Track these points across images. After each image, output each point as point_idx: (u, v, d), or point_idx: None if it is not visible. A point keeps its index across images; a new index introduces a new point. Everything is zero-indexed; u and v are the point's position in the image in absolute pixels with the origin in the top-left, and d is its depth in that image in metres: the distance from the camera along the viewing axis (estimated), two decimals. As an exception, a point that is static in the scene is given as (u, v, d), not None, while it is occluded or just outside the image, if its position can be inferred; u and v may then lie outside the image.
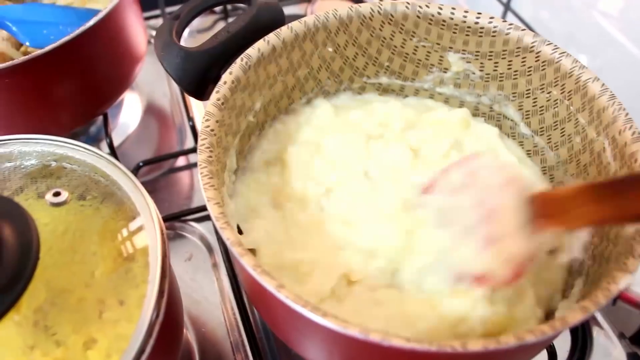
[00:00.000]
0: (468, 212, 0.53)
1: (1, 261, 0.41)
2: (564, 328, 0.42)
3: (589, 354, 0.69)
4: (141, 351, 0.43)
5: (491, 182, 0.53)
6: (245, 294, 0.72)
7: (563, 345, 0.69)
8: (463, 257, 0.53)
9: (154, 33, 1.06)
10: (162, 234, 0.50)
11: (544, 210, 0.50)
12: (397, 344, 0.39)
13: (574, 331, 0.70)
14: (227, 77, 0.57)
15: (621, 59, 0.99)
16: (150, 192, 0.53)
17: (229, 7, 1.16)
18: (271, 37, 0.61)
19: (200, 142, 0.52)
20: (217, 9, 1.16)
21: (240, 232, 0.60)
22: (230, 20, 1.13)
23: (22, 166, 0.55)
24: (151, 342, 0.44)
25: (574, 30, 1.09)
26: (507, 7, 1.14)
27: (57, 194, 0.52)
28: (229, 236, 0.45)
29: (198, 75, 0.59)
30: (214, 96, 0.55)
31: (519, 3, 1.14)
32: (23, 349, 0.45)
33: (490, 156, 0.56)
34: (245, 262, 0.43)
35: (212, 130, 0.53)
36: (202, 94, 0.61)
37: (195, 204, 0.85)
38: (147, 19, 1.13)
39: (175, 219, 0.81)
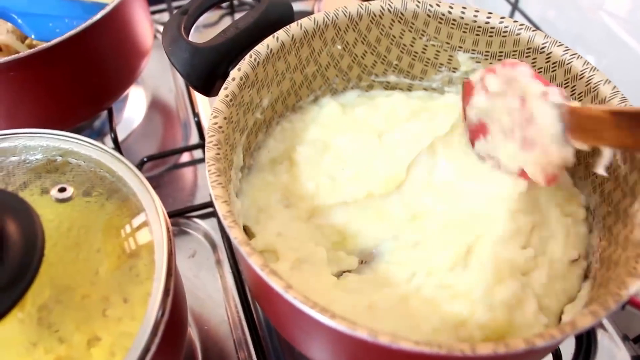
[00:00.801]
0: (506, 115, 0.56)
1: (6, 257, 0.40)
2: (573, 333, 0.42)
3: (594, 356, 0.69)
4: (146, 350, 0.43)
5: (529, 90, 0.54)
6: (250, 291, 0.71)
7: (567, 347, 0.69)
8: (506, 153, 0.56)
9: (160, 27, 1.06)
10: (168, 231, 0.49)
11: (574, 124, 0.51)
12: (406, 346, 0.38)
13: (579, 334, 0.70)
14: (235, 73, 0.57)
15: (628, 60, 0.99)
16: (153, 187, 0.52)
17: (235, 2, 1.16)
18: (280, 33, 0.60)
19: (208, 139, 0.51)
20: (224, 4, 1.15)
21: (245, 231, 0.60)
22: (237, 16, 1.13)
23: (27, 161, 0.54)
24: (156, 340, 0.44)
25: (581, 31, 1.08)
26: (514, 7, 1.13)
27: (62, 190, 0.51)
28: (236, 235, 0.44)
29: (206, 71, 0.59)
30: (222, 92, 0.55)
31: (526, 2, 1.14)
32: (26, 346, 0.44)
33: (528, 66, 0.56)
34: (253, 261, 0.43)
35: (220, 127, 0.53)
36: (209, 90, 0.61)
37: (199, 200, 0.85)
38: (153, 13, 1.13)
39: (179, 216, 0.81)
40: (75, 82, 0.76)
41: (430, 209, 0.59)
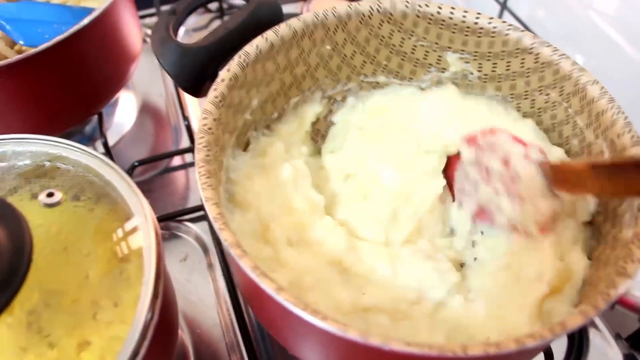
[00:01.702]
0: (497, 175, 0.59)
1: (-7, 262, 0.40)
2: (563, 333, 0.42)
3: (586, 355, 0.69)
4: (135, 353, 0.43)
5: (511, 152, 0.59)
6: (241, 294, 0.71)
7: (560, 346, 0.69)
8: (503, 207, 0.58)
9: (149, 32, 1.06)
10: (157, 234, 0.49)
11: (557, 178, 0.56)
12: (397, 348, 0.38)
13: (571, 332, 0.70)
14: (224, 74, 0.56)
15: (617, 59, 0.99)
16: (145, 192, 0.52)
17: (224, 5, 1.16)
18: (269, 34, 0.60)
19: (197, 140, 0.51)
20: (213, 7, 1.15)
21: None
22: (226, 18, 1.13)
23: (16, 166, 0.54)
24: (146, 344, 0.43)
25: (570, 30, 1.08)
26: (503, 6, 1.14)
27: (50, 195, 0.51)
28: (226, 237, 0.44)
29: (195, 72, 0.59)
30: (211, 93, 0.55)
31: (515, 2, 1.14)
32: (16, 351, 0.44)
33: (507, 132, 0.61)
34: (244, 263, 0.43)
35: (209, 128, 0.52)
36: (198, 91, 0.60)
37: (191, 204, 0.84)
38: (142, 17, 1.12)
39: (171, 219, 0.81)
40: (65, 87, 0.75)
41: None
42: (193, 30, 1.12)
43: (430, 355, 0.38)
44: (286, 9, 1.13)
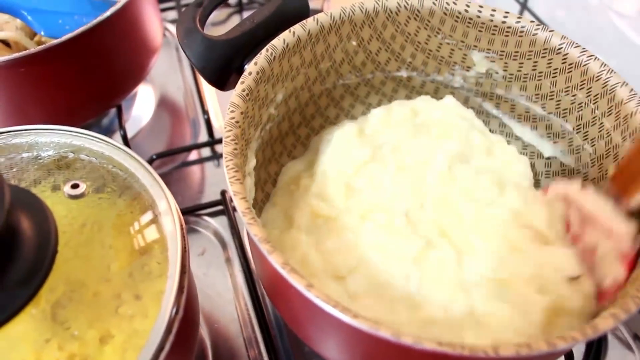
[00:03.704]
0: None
1: (20, 254, 0.40)
2: (595, 335, 0.41)
3: (604, 357, 0.68)
4: (160, 348, 0.42)
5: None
6: (264, 290, 0.71)
7: (578, 347, 0.68)
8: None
9: (167, 25, 1.06)
10: (182, 227, 0.49)
11: (620, 185, 0.53)
12: (429, 347, 0.38)
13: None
14: (252, 67, 0.56)
15: (637, 60, 0.99)
16: (162, 185, 0.52)
17: (244, 0, 1.16)
18: (297, 28, 0.60)
19: (225, 134, 0.51)
20: (232, 2, 1.15)
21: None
22: (245, 14, 1.13)
23: (39, 157, 0.54)
24: (170, 338, 0.43)
25: (590, 31, 1.08)
26: (523, 6, 1.13)
27: (75, 186, 0.50)
28: (256, 232, 0.44)
29: (221, 65, 0.58)
30: (239, 87, 0.54)
31: (535, 2, 1.14)
32: (40, 342, 0.44)
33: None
34: (274, 259, 0.42)
35: (237, 122, 0.52)
36: (223, 84, 0.60)
37: (208, 198, 0.84)
38: (162, 10, 1.12)
39: (188, 213, 0.80)
40: (85, 78, 0.75)
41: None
42: (212, 24, 1.12)
43: (462, 355, 0.38)
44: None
